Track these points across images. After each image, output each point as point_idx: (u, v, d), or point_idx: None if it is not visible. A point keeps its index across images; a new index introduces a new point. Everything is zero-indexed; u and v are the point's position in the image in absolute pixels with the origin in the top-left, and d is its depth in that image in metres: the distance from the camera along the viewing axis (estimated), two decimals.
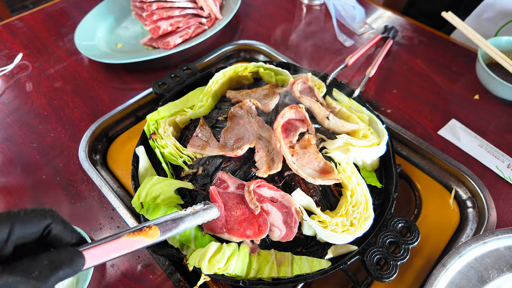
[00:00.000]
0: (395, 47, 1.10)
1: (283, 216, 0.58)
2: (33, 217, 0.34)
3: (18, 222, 0.32)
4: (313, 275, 0.56)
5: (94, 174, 0.78)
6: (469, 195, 0.76)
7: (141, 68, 1.04)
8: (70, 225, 0.37)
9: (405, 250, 0.58)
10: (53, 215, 0.35)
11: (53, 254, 0.33)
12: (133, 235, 0.40)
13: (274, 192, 0.59)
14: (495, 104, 0.92)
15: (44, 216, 0.34)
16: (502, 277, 0.57)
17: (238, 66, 0.84)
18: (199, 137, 0.70)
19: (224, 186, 0.61)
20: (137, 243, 0.41)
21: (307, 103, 0.75)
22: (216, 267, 0.54)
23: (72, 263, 0.34)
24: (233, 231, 0.57)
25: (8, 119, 0.91)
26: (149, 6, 1.04)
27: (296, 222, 0.58)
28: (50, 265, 0.32)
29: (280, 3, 1.29)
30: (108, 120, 0.90)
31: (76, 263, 0.34)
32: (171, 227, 0.46)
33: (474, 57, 0.96)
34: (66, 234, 0.36)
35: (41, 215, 0.34)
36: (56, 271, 0.32)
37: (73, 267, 0.34)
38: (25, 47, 1.13)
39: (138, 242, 0.41)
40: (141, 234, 0.41)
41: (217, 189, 0.60)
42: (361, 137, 0.71)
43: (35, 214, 0.34)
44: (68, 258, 0.34)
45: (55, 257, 0.33)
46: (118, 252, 0.39)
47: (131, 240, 0.40)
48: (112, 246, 0.38)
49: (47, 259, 0.32)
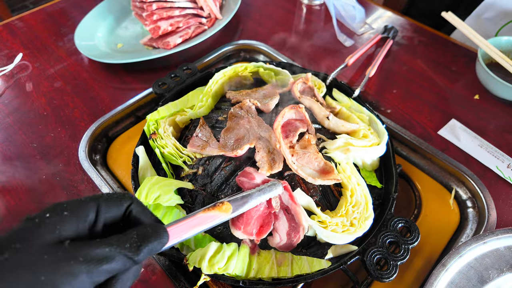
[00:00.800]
0: (395, 47, 1.10)
1: (289, 228, 0.59)
2: (115, 198, 0.36)
3: (103, 202, 0.35)
4: (313, 275, 0.56)
5: (94, 174, 0.78)
6: (469, 195, 0.76)
7: (141, 68, 1.04)
8: (147, 208, 0.39)
9: (405, 250, 0.58)
10: (132, 197, 0.38)
11: (140, 229, 0.35)
12: (208, 211, 0.43)
13: (292, 203, 0.59)
14: (495, 104, 0.92)
15: (124, 197, 0.37)
16: (502, 277, 0.57)
17: (238, 66, 0.84)
18: (199, 137, 0.70)
19: (251, 177, 0.62)
20: (213, 218, 0.43)
21: (307, 103, 0.75)
22: (216, 267, 0.54)
23: (158, 236, 0.35)
24: (240, 223, 0.57)
25: (8, 119, 0.91)
26: (149, 6, 1.04)
27: (298, 239, 0.58)
28: (139, 238, 0.33)
29: (280, 3, 1.29)
30: (108, 120, 0.90)
31: (162, 236, 0.36)
32: (241, 203, 0.49)
33: (474, 57, 0.96)
34: (145, 215, 0.38)
35: (122, 197, 0.37)
36: (145, 243, 0.33)
37: (160, 240, 0.35)
38: (25, 47, 1.13)
39: (214, 217, 0.43)
40: (215, 209, 0.44)
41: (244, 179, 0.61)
42: (361, 137, 0.71)
43: (116, 195, 0.37)
44: (155, 232, 0.35)
45: (142, 231, 0.34)
46: (196, 227, 0.41)
47: (207, 215, 0.43)
48: (191, 223, 0.41)
49: (135, 233, 0.34)
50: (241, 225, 0.56)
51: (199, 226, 0.42)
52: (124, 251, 0.32)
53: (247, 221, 0.56)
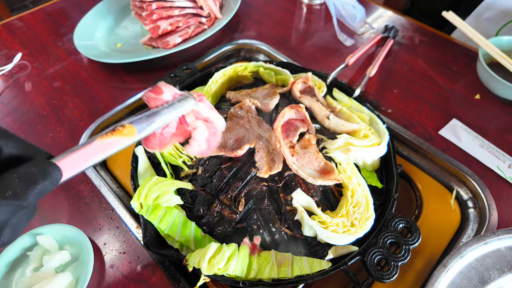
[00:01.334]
0: (395, 46, 1.09)
1: (209, 134, 0.55)
2: None
3: None
4: (313, 276, 0.55)
5: (93, 174, 0.78)
6: (470, 195, 0.76)
7: (140, 68, 1.04)
8: (23, 140, 0.33)
9: (406, 250, 0.57)
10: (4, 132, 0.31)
11: (22, 169, 0.29)
12: (106, 137, 0.37)
13: (211, 111, 0.54)
14: (496, 104, 0.92)
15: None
16: (503, 278, 0.57)
17: (238, 65, 0.84)
18: None
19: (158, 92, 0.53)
20: (114, 144, 0.38)
21: (307, 103, 0.74)
22: (216, 267, 0.53)
23: (46, 175, 0.30)
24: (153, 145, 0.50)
25: (8, 119, 0.91)
26: (148, 5, 1.04)
27: (217, 143, 0.55)
28: (22, 181, 0.28)
29: (280, 3, 1.29)
30: (108, 120, 0.89)
31: (51, 174, 0.30)
32: (148, 123, 0.42)
33: (475, 56, 0.95)
34: (22, 150, 0.32)
35: None
36: (32, 186, 0.29)
37: (50, 178, 0.30)
38: (25, 46, 1.13)
39: (115, 143, 0.38)
40: (115, 134, 0.38)
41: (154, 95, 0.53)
42: (361, 137, 0.70)
43: None
44: (41, 170, 0.30)
45: (25, 172, 0.29)
46: (94, 156, 0.36)
47: (106, 141, 0.37)
48: (87, 151, 0.35)
49: (15, 176, 0.28)
50: (156, 146, 0.50)
51: (98, 155, 0.36)
52: (8, 201, 0.27)
53: (162, 142, 0.50)
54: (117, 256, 0.67)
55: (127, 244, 0.69)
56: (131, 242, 0.69)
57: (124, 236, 0.70)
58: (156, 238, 0.61)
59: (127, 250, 0.68)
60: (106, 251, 0.68)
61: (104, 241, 0.69)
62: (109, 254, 0.67)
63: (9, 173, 0.28)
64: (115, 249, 0.68)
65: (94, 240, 0.69)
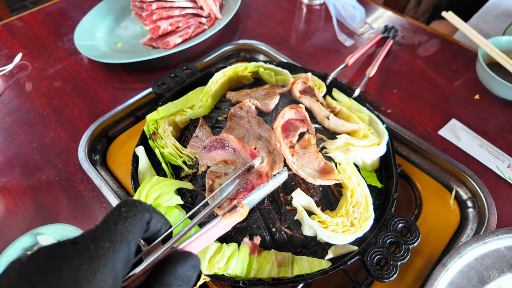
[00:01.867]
0: (395, 47, 1.10)
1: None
2: (137, 220, 0.30)
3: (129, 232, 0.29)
4: (313, 275, 0.56)
5: (93, 174, 0.78)
6: (469, 195, 0.76)
7: (141, 68, 1.04)
8: (160, 213, 0.35)
9: (405, 250, 0.58)
10: (148, 208, 0.32)
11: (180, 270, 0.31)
12: (229, 217, 0.41)
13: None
14: (496, 104, 0.92)
15: (143, 213, 0.31)
16: (502, 277, 0.57)
17: (238, 66, 0.84)
18: (199, 137, 0.70)
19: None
20: (232, 223, 0.41)
21: (307, 103, 0.75)
22: (216, 267, 0.54)
23: (196, 270, 0.33)
24: None
25: (8, 119, 0.91)
26: (148, 5, 1.04)
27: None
28: (183, 284, 0.31)
29: (280, 3, 1.29)
30: (108, 120, 0.90)
31: (198, 267, 0.33)
32: (256, 199, 0.47)
33: (474, 57, 0.96)
34: (160, 224, 0.34)
35: (141, 214, 0.31)
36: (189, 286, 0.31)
37: (197, 269, 0.33)
38: (25, 47, 1.13)
39: (234, 221, 0.41)
40: (236, 214, 0.41)
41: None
42: (361, 137, 0.71)
43: (137, 215, 0.31)
44: (195, 269, 0.32)
45: (183, 274, 0.31)
46: (217, 234, 0.40)
47: (227, 221, 0.40)
48: (213, 231, 0.39)
49: (179, 278, 0.31)
50: None
51: (219, 234, 0.40)
52: None
53: None
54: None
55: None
56: None
57: None
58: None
59: None
60: None
61: None
62: None
63: (173, 278, 0.30)
64: None
65: None
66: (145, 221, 0.31)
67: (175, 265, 0.31)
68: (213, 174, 0.63)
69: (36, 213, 0.73)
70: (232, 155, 0.64)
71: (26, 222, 0.72)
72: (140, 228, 0.31)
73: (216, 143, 0.65)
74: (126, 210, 0.30)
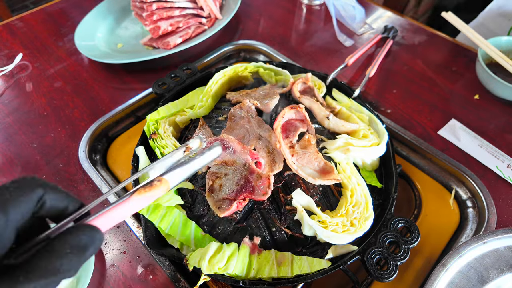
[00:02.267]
0: (395, 47, 1.10)
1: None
2: (23, 193, 0.30)
3: (9, 204, 0.28)
4: (313, 275, 0.56)
5: (94, 174, 0.78)
6: (469, 195, 0.76)
7: (141, 68, 1.04)
8: (64, 191, 0.33)
9: (405, 250, 0.58)
10: (43, 184, 0.31)
11: (70, 238, 0.29)
12: (144, 192, 0.37)
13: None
14: (495, 104, 0.92)
15: (32, 188, 0.30)
16: (502, 277, 0.57)
17: (238, 66, 0.84)
18: None
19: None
20: (149, 198, 0.37)
21: (307, 103, 0.75)
22: (216, 267, 0.54)
23: (94, 242, 0.30)
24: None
25: (8, 119, 0.91)
26: (149, 6, 1.05)
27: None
28: (74, 251, 0.29)
29: (280, 3, 1.29)
30: (108, 120, 0.90)
31: (97, 240, 0.31)
32: (180, 174, 0.42)
33: (474, 57, 0.96)
34: (62, 202, 0.32)
35: (30, 188, 0.30)
36: (82, 256, 0.29)
37: (96, 245, 0.31)
38: (25, 47, 1.13)
39: (150, 197, 0.37)
40: (152, 189, 0.37)
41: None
42: (361, 137, 0.71)
43: (24, 189, 0.30)
44: (90, 239, 0.30)
45: (75, 242, 0.29)
46: (130, 212, 0.36)
47: (142, 196, 0.37)
48: (123, 207, 0.35)
49: (68, 245, 0.29)
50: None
51: (133, 209, 0.36)
52: (58, 275, 0.28)
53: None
54: (117, 256, 0.67)
55: (127, 244, 0.69)
56: (132, 241, 0.69)
57: (124, 235, 0.70)
58: (157, 237, 0.61)
59: (127, 249, 0.68)
60: (106, 250, 0.68)
61: (105, 240, 0.70)
62: (110, 253, 0.67)
63: (61, 245, 0.29)
64: (115, 248, 0.68)
65: None
66: (36, 195, 0.30)
67: (66, 234, 0.30)
68: (213, 174, 0.63)
69: None
70: (232, 155, 0.64)
71: None
72: (26, 203, 0.30)
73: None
74: (14, 181, 0.30)
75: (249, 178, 0.61)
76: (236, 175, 0.62)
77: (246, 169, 0.62)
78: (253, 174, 0.61)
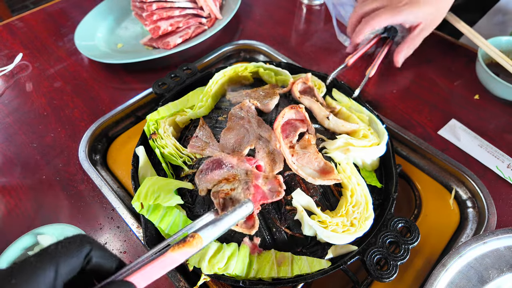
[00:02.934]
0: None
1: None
2: (73, 249, 0.32)
3: (61, 259, 0.30)
4: (313, 275, 0.56)
5: (94, 174, 0.78)
6: (469, 195, 0.76)
7: (141, 68, 1.04)
8: (108, 250, 0.36)
9: (405, 250, 0.58)
10: (91, 241, 0.34)
11: None
12: (178, 249, 0.38)
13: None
14: (495, 104, 0.92)
15: (82, 244, 0.33)
16: (502, 277, 0.57)
17: (238, 66, 0.84)
18: (199, 138, 0.70)
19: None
20: (184, 255, 0.38)
21: (307, 103, 0.75)
22: (216, 267, 0.54)
23: None
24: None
25: (8, 119, 0.91)
26: (149, 6, 1.05)
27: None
28: None
29: (280, 3, 1.29)
30: (108, 120, 0.90)
31: None
32: (213, 231, 0.43)
33: (474, 57, 0.96)
34: (106, 260, 0.35)
35: (80, 244, 0.32)
36: None
37: None
38: (25, 47, 1.13)
39: (184, 254, 0.38)
40: (186, 245, 0.39)
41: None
42: (361, 137, 0.71)
43: (75, 245, 0.32)
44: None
45: None
46: (164, 269, 0.37)
47: (177, 253, 0.38)
48: (158, 265, 0.36)
49: None
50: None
51: (167, 267, 0.37)
52: None
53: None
54: (118, 256, 0.67)
55: (127, 244, 0.69)
56: (132, 241, 0.69)
57: (124, 235, 0.70)
58: (157, 237, 0.61)
59: (127, 249, 0.68)
60: None
61: (105, 240, 0.70)
62: None
63: None
64: (116, 248, 0.68)
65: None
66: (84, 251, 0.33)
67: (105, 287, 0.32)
68: (221, 192, 0.60)
69: (36, 213, 0.73)
70: (231, 170, 0.62)
71: (26, 222, 0.72)
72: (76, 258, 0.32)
73: (212, 165, 0.63)
74: (67, 238, 0.33)
75: (256, 185, 0.60)
76: (243, 186, 0.60)
77: (250, 176, 0.61)
78: (258, 178, 0.60)
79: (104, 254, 0.35)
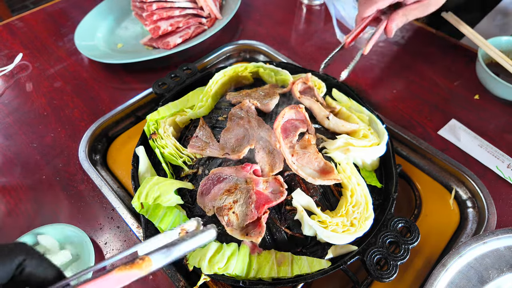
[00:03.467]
0: (395, 47, 1.10)
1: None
2: (3, 256, 0.31)
3: None
4: (313, 275, 0.56)
5: (94, 174, 0.78)
6: (469, 195, 0.76)
7: (141, 68, 1.04)
8: (46, 259, 0.34)
9: (405, 250, 0.58)
10: (26, 249, 0.32)
11: None
12: (124, 269, 0.36)
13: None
14: (495, 104, 0.92)
15: (14, 253, 0.31)
16: (502, 277, 0.57)
17: (238, 66, 0.84)
18: (199, 138, 0.70)
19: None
20: (129, 277, 0.36)
21: (307, 103, 0.75)
22: (216, 267, 0.54)
23: None
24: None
25: (8, 119, 0.91)
26: (149, 6, 1.05)
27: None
28: None
29: (280, 3, 1.29)
30: (108, 120, 0.90)
31: None
32: (166, 255, 0.41)
33: (474, 57, 0.96)
34: (42, 270, 0.33)
35: (11, 253, 0.31)
36: None
37: None
38: (25, 47, 1.13)
39: (130, 276, 0.36)
40: (133, 267, 0.37)
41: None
42: (361, 137, 0.71)
43: (6, 252, 0.31)
44: None
45: None
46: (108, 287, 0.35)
47: (122, 274, 0.36)
48: (101, 283, 0.34)
49: None
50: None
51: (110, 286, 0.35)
52: None
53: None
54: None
55: (128, 244, 0.69)
56: (132, 241, 0.69)
57: (125, 235, 0.70)
58: None
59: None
60: (107, 250, 0.68)
61: (105, 240, 0.70)
62: (110, 253, 0.67)
63: None
64: (116, 248, 0.68)
65: (95, 240, 0.70)
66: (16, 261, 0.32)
67: None
68: (224, 209, 0.59)
69: (36, 213, 0.73)
70: (231, 181, 0.62)
71: (26, 222, 0.72)
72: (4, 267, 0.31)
73: (212, 181, 0.63)
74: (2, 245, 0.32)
75: (258, 191, 0.60)
76: (245, 195, 0.60)
77: (250, 183, 0.60)
78: (259, 184, 0.60)
79: (41, 263, 0.34)
